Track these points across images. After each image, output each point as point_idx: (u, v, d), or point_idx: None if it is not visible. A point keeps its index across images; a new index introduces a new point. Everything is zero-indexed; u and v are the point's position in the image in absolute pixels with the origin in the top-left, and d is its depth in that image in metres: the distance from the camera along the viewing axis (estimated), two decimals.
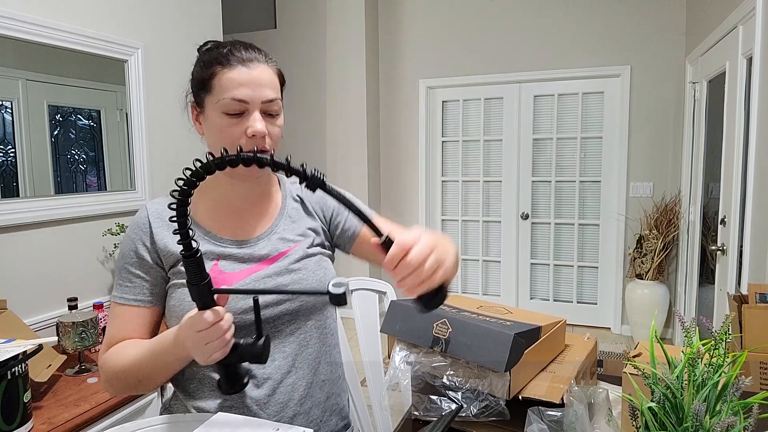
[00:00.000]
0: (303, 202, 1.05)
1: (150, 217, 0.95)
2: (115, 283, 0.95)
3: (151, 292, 0.93)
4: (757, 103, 2.16)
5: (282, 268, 0.96)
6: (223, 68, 0.89)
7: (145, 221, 0.95)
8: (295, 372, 0.94)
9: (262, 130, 0.88)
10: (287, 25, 4.25)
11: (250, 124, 0.88)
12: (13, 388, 1.18)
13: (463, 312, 1.04)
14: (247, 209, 0.99)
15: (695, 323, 0.74)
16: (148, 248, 0.93)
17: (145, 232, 0.94)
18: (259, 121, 0.88)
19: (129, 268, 0.93)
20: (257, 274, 0.94)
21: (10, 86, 1.82)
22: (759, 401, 0.65)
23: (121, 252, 0.95)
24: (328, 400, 1.00)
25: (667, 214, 3.54)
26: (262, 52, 0.93)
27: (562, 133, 3.93)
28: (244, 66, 0.89)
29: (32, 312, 1.87)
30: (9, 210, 1.79)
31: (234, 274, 0.93)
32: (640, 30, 3.63)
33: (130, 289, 0.93)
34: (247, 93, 0.87)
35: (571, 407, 0.77)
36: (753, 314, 1.20)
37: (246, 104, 0.88)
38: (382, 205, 4.43)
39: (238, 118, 0.88)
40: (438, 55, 4.15)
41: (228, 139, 0.89)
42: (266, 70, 0.91)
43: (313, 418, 0.96)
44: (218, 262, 0.93)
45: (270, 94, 0.90)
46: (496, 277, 4.25)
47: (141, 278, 0.93)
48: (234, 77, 0.88)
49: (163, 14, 2.42)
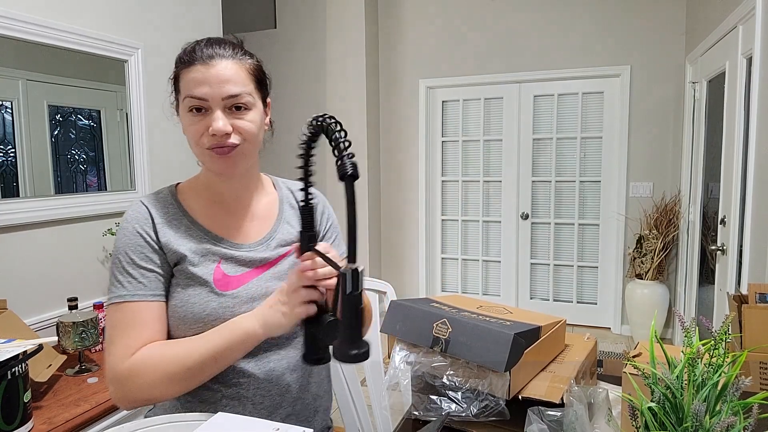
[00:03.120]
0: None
1: (151, 211, 0.92)
2: (114, 282, 0.89)
3: (165, 286, 0.91)
4: (756, 103, 2.16)
5: (282, 272, 0.96)
6: (184, 67, 0.89)
7: (146, 215, 0.92)
8: (290, 374, 0.94)
9: (222, 129, 0.86)
10: (287, 25, 4.25)
11: (210, 123, 0.87)
12: (13, 388, 1.18)
13: (463, 312, 1.04)
14: (242, 209, 0.99)
15: (695, 323, 0.74)
16: (157, 241, 0.91)
17: (149, 226, 0.91)
18: (220, 119, 0.87)
19: (138, 262, 0.88)
20: (259, 277, 0.94)
21: (10, 86, 1.82)
22: (759, 401, 0.65)
23: (123, 248, 0.90)
24: (315, 402, 1.01)
25: (667, 214, 3.54)
26: (229, 47, 0.91)
27: (562, 133, 3.93)
28: (203, 64, 0.87)
29: (32, 312, 1.87)
30: (9, 210, 1.79)
31: (237, 277, 0.92)
32: (640, 30, 3.63)
33: (144, 285, 0.88)
34: (205, 91, 0.87)
35: (571, 407, 0.77)
36: (753, 314, 1.20)
37: (206, 102, 0.87)
38: (382, 205, 4.44)
39: (201, 115, 0.88)
40: (438, 55, 4.15)
41: (192, 137, 0.90)
42: (230, 65, 0.89)
43: (301, 419, 0.97)
44: (220, 263, 0.93)
45: (233, 89, 0.88)
46: (496, 277, 4.25)
47: (155, 272, 0.89)
48: (193, 76, 0.87)
49: (163, 14, 2.42)
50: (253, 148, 0.93)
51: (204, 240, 0.93)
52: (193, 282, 0.90)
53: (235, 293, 0.91)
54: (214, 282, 0.90)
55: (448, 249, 4.37)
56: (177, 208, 0.95)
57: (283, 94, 4.29)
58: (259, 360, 0.92)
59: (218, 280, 0.91)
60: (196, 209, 0.96)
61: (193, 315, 0.89)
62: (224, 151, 0.89)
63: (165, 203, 0.95)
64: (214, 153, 0.89)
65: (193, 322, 0.89)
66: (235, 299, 0.90)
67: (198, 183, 1.00)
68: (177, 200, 0.97)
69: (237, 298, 0.90)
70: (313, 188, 0.93)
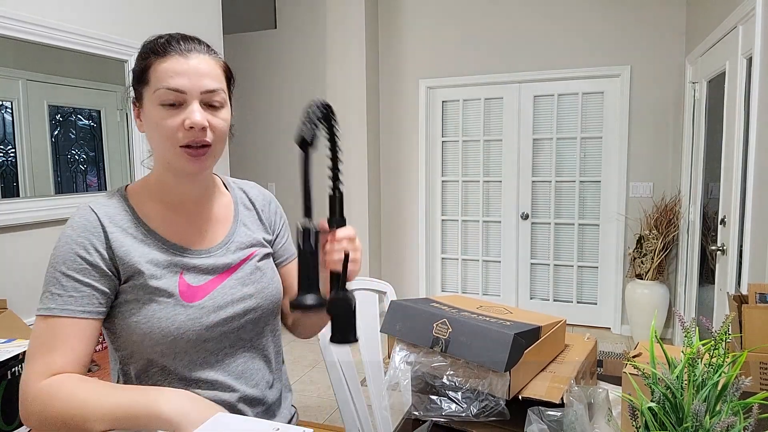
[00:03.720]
0: (257, 210, 1.03)
1: (102, 220, 0.85)
2: (45, 292, 0.82)
3: (103, 303, 0.84)
4: (757, 103, 2.16)
5: (245, 276, 0.95)
6: (158, 57, 0.83)
7: (96, 224, 0.85)
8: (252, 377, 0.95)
9: (201, 122, 0.82)
10: (287, 25, 4.25)
11: (187, 116, 0.82)
12: (13, 387, 1.18)
13: (463, 312, 1.04)
14: (199, 213, 0.95)
15: (695, 323, 0.74)
16: (102, 254, 0.84)
17: (97, 236, 0.84)
18: (198, 111, 0.82)
19: (74, 275, 0.81)
20: (224, 284, 0.92)
21: (10, 86, 1.82)
22: (759, 401, 0.65)
23: (60, 257, 0.83)
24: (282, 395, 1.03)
25: (667, 214, 3.54)
26: (203, 44, 0.89)
27: (562, 133, 3.93)
28: (181, 55, 0.83)
29: (32, 312, 1.86)
30: (9, 210, 1.79)
31: (202, 286, 0.90)
32: (640, 30, 3.63)
33: (76, 300, 0.81)
34: (183, 83, 0.82)
35: (571, 407, 0.77)
36: (753, 314, 1.20)
37: (183, 94, 0.82)
38: (382, 205, 4.44)
39: (175, 109, 0.83)
40: (438, 55, 4.15)
41: (165, 132, 0.83)
42: (206, 59, 0.86)
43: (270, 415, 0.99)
44: (182, 274, 0.89)
45: (210, 84, 0.84)
46: (496, 277, 4.25)
47: (91, 287, 0.82)
48: (170, 67, 0.82)
49: (164, 14, 2.42)
50: (222, 148, 0.90)
51: (163, 250, 0.88)
52: (156, 296, 0.85)
53: (202, 303, 0.88)
54: (180, 294, 0.87)
55: (448, 249, 4.37)
56: (131, 215, 0.89)
57: (282, 94, 4.29)
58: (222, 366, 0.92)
59: (183, 292, 0.87)
60: (151, 215, 0.90)
61: (160, 330, 0.85)
62: (198, 153, 0.85)
63: (118, 209, 0.88)
64: (187, 153, 0.84)
65: (161, 337, 0.85)
66: (202, 310, 0.88)
67: (150, 185, 0.93)
68: (130, 206, 0.90)
69: (204, 308, 0.88)
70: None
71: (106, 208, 0.88)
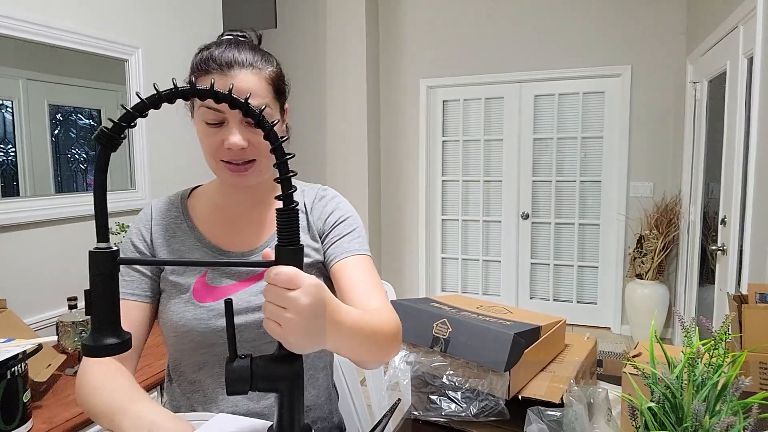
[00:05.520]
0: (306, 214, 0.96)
1: (153, 213, 0.94)
2: None
3: (149, 287, 0.90)
4: (757, 103, 2.16)
5: None
6: (200, 75, 0.84)
7: (148, 217, 0.94)
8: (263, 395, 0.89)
9: (238, 144, 0.82)
10: (287, 25, 4.25)
11: (226, 137, 0.82)
12: (13, 387, 1.18)
13: (463, 312, 1.04)
14: (244, 218, 0.95)
15: (695, 323, 0.74)
16: (147, 243, 0.92)
17: (146, 228, 0.93)
18: (236, 133, 0.82)
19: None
20: (244, 291, 0.89)
21: (10, 86, 1.82)
22: (759, 401, 0.65)
23: (123, 245, 0.93)
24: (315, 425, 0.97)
25: (667, 214, 3.54)
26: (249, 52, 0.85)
27: (563, 132, 3.93)
28: (221, 74, 0.82)
29: (32, 312, 1.87)
30: (9, 210, 1.79)
31: (220, 288, 0.89)
32: (641, 30, 3.63)
33: (127, 283, 0.88)
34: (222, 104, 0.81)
35: (571, 407, 0.77)
36: (753, 314, 1.20)
37: (222, 114, 0.82)
38: (382, 204, 4.43)
39: (217, 127, 0.83)
40: (438, 55, 4.15)
41: (207, 148, 0.86)
42: (248, 76, 0.83)
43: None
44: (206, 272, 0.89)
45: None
46: (496, 276, 4.25)
47: (139, 272, 0.90)
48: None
49: (164, 14, 2.42)
50: (269, 162, 0.88)
51: (195, 248, 0.91)
52: (175, 290, 0.89)
53: (212, 306, 0.87)
54: (194, 292, 0.88)
55: (448, 249, 4.37)
56: (180, 212, 0.95)
57: None
58: None
59: (198, 290, 0.88)
60: (198, 214, 0.95)
61: (171, 323, 0.87)
62: (239, 168, 0.85)
63: (171, 206, 0.96)
64: (228, 168, 0.86)
65: (171, 330, 0.88)
66: (211, 312, 0.87)
67: (211, 187, 0.99)
68: (184, 203, 0.96)
69: (213, 311, 0.87)
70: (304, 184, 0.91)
71: (161, 203, 0.96)
